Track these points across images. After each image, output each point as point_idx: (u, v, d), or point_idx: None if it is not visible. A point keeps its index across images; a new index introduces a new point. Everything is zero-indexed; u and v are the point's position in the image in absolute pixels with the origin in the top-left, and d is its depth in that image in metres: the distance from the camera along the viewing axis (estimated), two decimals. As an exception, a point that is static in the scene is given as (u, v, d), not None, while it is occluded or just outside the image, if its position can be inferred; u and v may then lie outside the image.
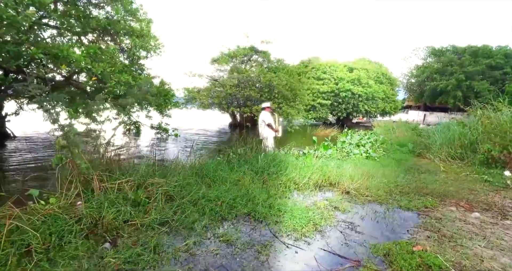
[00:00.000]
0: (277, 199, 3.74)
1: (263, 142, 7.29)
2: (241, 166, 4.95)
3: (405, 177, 5.63)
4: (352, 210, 3.66)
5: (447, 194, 4.51)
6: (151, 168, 4.08)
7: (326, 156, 6.87)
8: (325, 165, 5.59)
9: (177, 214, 3.13)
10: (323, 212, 3.45)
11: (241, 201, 3.52)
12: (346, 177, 4.85)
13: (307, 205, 3.66)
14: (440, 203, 4.08)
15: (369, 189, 4.46)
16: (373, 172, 5.45)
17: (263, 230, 2.95)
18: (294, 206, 3.52)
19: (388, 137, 10.94)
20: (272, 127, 7.25)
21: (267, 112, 7.35)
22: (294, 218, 3.14)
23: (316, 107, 24.65)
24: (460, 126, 8.45)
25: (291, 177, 4.64)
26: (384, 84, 26.60)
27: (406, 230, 3.15)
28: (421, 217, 3.54)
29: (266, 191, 3.98)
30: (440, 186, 4.98)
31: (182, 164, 4.84)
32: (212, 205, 3.34)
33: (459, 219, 3.49)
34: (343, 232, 3.01)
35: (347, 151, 7.57)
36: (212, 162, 5.11)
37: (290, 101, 17.43)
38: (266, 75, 16.24)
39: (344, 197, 4.23)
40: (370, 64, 27.58)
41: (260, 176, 4.64)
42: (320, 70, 26.24)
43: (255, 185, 4.20)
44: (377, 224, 3.29)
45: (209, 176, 4.39)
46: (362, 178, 4.85)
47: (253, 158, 5.26)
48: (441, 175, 5.98)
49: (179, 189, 3.59)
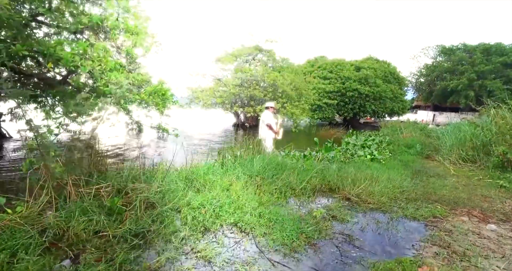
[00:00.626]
0: (269, 207, 3.42)
1: (262, 142, 6.98)
2: (235, 169, 4.64)
3: (412, 182, 5.24)
4: (351, 220, 3.31)
5: (458, 201, 4.12)
6: (137, 171, 3.80)
7: (328, 158, 6.51)
8: (326, 168, 5.25)
9: (155, 224, 2.84)
10: (318, 222, 3.11)
11: (229, 209, 3.21)
12: (347, 181, 4.49)
13: (302, 214, 3.33)
14: (450, 212, 3.70)
15: (372, 195, 4.10)
16: (377, 175, 5.07)
17: (249, 243, 2.63)
18: (287, 215, 3.20)
19: (395, 138, 10.50)
20: (272, 129, 6.93)
21: (270, 112, 7.03)
22: (285, 229, 2.81)
23: (322, 107, 24.19)
24: (472, 127, 7.98)
25: (288, 182, 4.31)
26: (392, 84, 25.97)
27: (412, 244, 2.80)
28: (429, 229, 3.18)
29: (258, 198, 3.66)
30: (450, 192, 4.58)
31: (173, 166, 4.56)
32: (195, 214, 3.04)
33: (472, 231, 3.11)
34: (339, 247, 2.67)
35: (351, 152, 7.19)
36: (205, 164, 4.82)
37: (294, 101, 17.06)
38: (270, 75, 15.92)
39: (344, 204, 3.88)
40: (377, 63, 26.96)
41: (255, 180, 4.32)
42: (326, 69, 25.77)
43: (248, 190, 3.89)
44: (378, 236, 2.94)
45: (199, 181, 4.10)
46: (365, 182, 4.48)
47: (249, 160, 4.94)
48: (451, 179, 5.57)
49: (161, 195, 3.30)
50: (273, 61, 19.28)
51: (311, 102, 20.20)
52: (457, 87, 33.07)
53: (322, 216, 3.32)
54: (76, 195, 3.18)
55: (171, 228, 2.77)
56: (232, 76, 17.44)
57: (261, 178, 4.37)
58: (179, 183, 3.86)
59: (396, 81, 26.86)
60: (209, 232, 2.83)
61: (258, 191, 3.95)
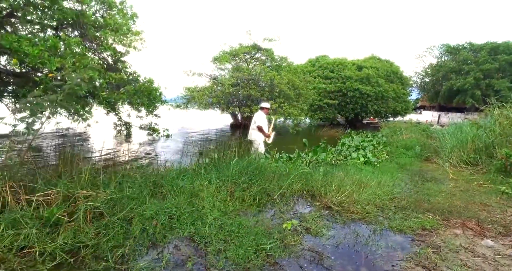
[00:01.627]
0: (236, 217, 3.03)
1: (253, 144, 6.61)
2: (209, 173, 4.26)
3: (405, 187, 4.81)
4: (327, 233, 2.91)
5: (452, 210, 3.69)
6: (93, 176, 3.45)
7: (318, 161, 6.10)
8: (312, 172, 4.85)
9: (98, 237, 2.47)
10: (286, 236, 2.72)
11: (187, 220, 2.83)
12: (331, 187, 4.09)
13: (271, 226, 2.94)
14: (443, 223, 3.27)
15: (357, 203, 3.69)
16: (367, 180, 4.66)
17: (197, 264, 2.25)
18: (252, 227, 2.81)
19: (394, 139, 10.03)
20: (263, 131, 6.52)
21: (263, 113, 6.64)
22: (243, 245, 2.42)
23: (323, 108, 23.71)
24: (474, 128, 7.50)
25: (265, 188, 3.92)
26: (395, 83, 25.37)
27: (392, 265, 2.39)
28: (415, 244, 2.76)
29: (226, 206, 3.29)
30: (446, 199, 4.15)
31: (139, 170, 4.21)
32: (145, 225, 2.67)
33: (465, 248, 2.69)
34: (304, 268, 2.27)
35: (345, 154, 6.77)
36: (177, 168, 4.46)
37: (293, 101, 16.64)
38: (267, 74, 15.52)
39: (324, 213, 3.48)
40: (380, 62, 26.38)
41: (229, 186, 3.94)
42: (327, 69, 25.28)
43: (218, 197, 3.51)
44: (354, 254, 2.54)
45: (166, 186, 3.73)
46: (351, 188, 4.07)
47: (225, 163, 4.56)
48: (448, 184, 5.13)
49: (112, 203, 2.94)
50: (271, 61, 18.88)
51: (311, 102, 19.74)
52: (463, 87, 32.33)
53: (294, 228, 2.93)
54: (16, 203, 2.84)
55: (112, 242, 2.40)
56: (229, 75, 17.09)
57: (235, 183, 3.98)
58: (144, 188, 3.51)
59: (399, 81, 26.25)
60: (157, 247, 2.46)
61: (229, 198, 3.57)
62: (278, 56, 19.00)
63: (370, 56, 28.72)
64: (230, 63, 18.49)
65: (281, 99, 15.62)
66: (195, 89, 17.87)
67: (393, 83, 25.16)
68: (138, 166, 4.61)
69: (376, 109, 23.58)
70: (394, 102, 24.51)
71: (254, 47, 18.65)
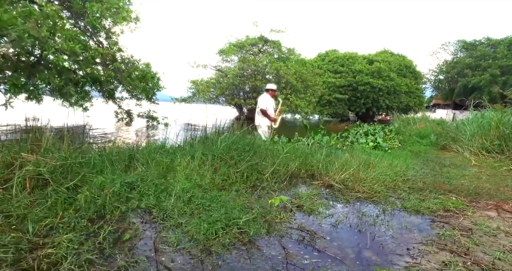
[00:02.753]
0: (211, 191, 2.47)
1: (258, 130, 6.02)
2: (194, 149, 3.72)
3: (421, 171, 4.16)
4: (324, 212, 2.33)
5: (480, 192, 3.04)
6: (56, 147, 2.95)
7: (321, 145, 5.48)
8: (313, 152, 4.25)
9: (32, 207, 1.96)
10: (271, 212, 2.14)
11: (149, 191, 2.29)
12: (334, 166, 3.49)
13: (253, 201, 2.37)
14: (470, 205, 2.64)
15: (363, 182, 3.08)
16: (377, 162, 4.03)
17: (146, 239, 1.70)
18: (228, 202, 2.25)
19: (407, 129, 9.28)
20: (267, 115, 5.85)
21: (269, 96, 5.87)
22: (209, 220, 1.85)
23: (332, 102, 22.95)
24: (499, 113, 6.74)
25: (254, 163, 3.35)
26: (408, 78, 24.37)
27: (407, 248, 1.79)
28: (437, 226, 2.15)
29: (201, 179, 2.73)
30: (471, 182, 3.49)
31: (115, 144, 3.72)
32: (95, 195, 2.14)
33: (506, 232, 2.06)
34: (288, 248, 1.70)
35: (351, 140, 6.13)
36: (159, 144, 3.96)
37: (300, 93, 16.00)
38: (273, 64, 14.94)
39: (323, 192, 2.89)
40: (392, 56, 25.38)
41: (215, 162, 3.39)
42: (337, 63, 24.49)
43: (199, 172, 2.96)
44: (356, 235, 1.95)
45: (140, 161, 3.21)
46: (357, 167, 3.46)
47: (213, 140, 4.00)
48: (471, 170, 4.45)
49: (63, 171, 2.42)
50: (279, 52, 18.27)
51: (319, 95, 19.03)
52: (479, 84, 30.91)
53: (283, 205, 2.35)
54: None
55: (44, 212, 1.88)
56: (234, 66, 16.58)
57: (222, 159, 3.42)
58: (116, 162, 3.00)
59: (412, 75, 25.23)
60: (103, 220, 1.93)
61: (212, 175, 3.02)
62: (286, 48, 18.38)
63: (382, 51, 27.72)
64: (236, 56, 17.96)
65: (287, 90, 15.01)
66: (201, 82, 17.42)
67: (406, 77, 24.18)
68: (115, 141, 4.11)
69: (388, 104, 22.65)
70: (406, 97, 23.52)
71: (261, 39, 18.08)
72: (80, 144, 3.22)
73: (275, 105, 6.23)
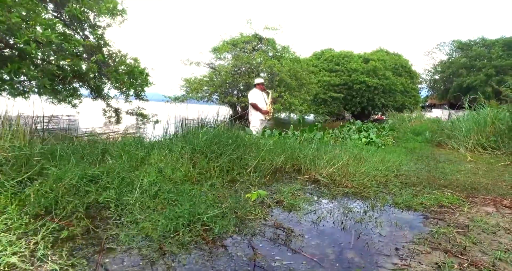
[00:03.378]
0: (184, 185, 2.24)
1: (250, 125, 5.85)
2: (173, 143, 3.48)
3: (415, 166, 3.96)
4: (306, 208, 2.10)
5: (477, 187, 2.84)
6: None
7: (313, 140, 5.26)
8: (302, 147, 4.03)
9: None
10: (245, 207, 1.91)
11: (110, 184, 2.05)
12: (322, 160, 3.27)
13: (225, 195, 2.14)
14: (467, 200, 2.43)
15: (352, 176, 2.86)
16: (368, 157, 3.83)
17: (91, 238, 1.47)
18: (199, 196, 2.01)
19: (401, 126, 9.11)
20: (258, 108, 5.67)
21: (258, 90, 5.80)
22: (171, 214, 1.62)
23: (327, 101, 22.79)
24: (494, 109, 6.58)
25: (236, 157, 3.12)
26: (404, 77, 24.29)
27: (396, 247, 1.57)
28: (430, 223, 1.93)
29: (173, 173, 2.50)
30: (466, 177, 3.30)
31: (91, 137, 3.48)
32: (47, 188, 1.89)
33: (505, 228, 1.85)
34: (257, 248, 1.47)
35: (343, 135, 5.93)
36: (136, 138, 3.72)
37: (294, 91, 15.79)
38: (267, 61, 14.72)
39: (308, 187, 2.67)
40: (388, 55, 25.29)
41: (195, 156, 3.15)
42: (333, 62, 24.34)
43: (173, 165, 2.73)
44: (340, 233, 1.73)
45: (112, 154, 2.97)
46: (346, 162, 3.24)
47: (195, 133, 3.77)
48: (467, 165, 4.26)
49: (16, 162, 2.17)
50: (273, 50, 18.07)
51: (314, 93, 18.84)
52: (473, 84, 30.95)
53: (260, 200, 2.12)
54: None
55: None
56: (228, 64, 16.33)
57: (202, 153, 3.19)
58: (86, 155, 2.76)
59: (408, 74, 25.17)
60: (49, 216, 1.68)
61: (191, 169, 2.78)
62: (280, 46, 18.17)
63: (377, 50, 27.62)
64: (230, 53, 17.72)
65: (281, 88, 14.80)
66: (194, 80, 17.15)
67: (402, 76, 24.10)
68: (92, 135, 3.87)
69: (383, 103, 22.52)
70: (402, 96, 23.43)
71: (255, 37, 17.86)
72: (44, 133, 2.96)
73: (266, 99, 6.07)
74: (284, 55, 17.94)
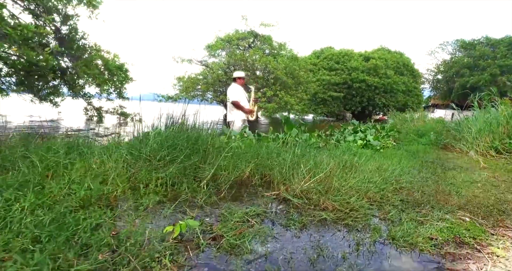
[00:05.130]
0: (83, 210, 1.53)
1: (230, 126, 5.14)
2: (117, 150, 2.77)
3: (419, 175, 3.23)
4: (255, 249, 1.38)
5: (506, 208, 2.11)
6: None
7: (298, 142, 4.54)
8: (281, 151, 3.31)
9: None
10: (151, 252, 1.20)
11: None
12: (300, 170, 2.54)
13: (130, 229, 1.42)
14: (496, 232, 1.70)
15: (336, 193, 2.14)
16: (360, 164, 3.11)
17: None
18: (95, 229, 1.30)
19: (403, 127, 8.37)
20: (241, 107, 4.98)
21: (238, 85, 5.14)
22: None
23: (327, 101, 22.04)
24: (508, 107, 5.84)
25: (189, 165, 2.41)
26: (406, 76, 23.50)
27: None
28: (447, 281, 1.21)
29: (78, 192, 1.79)
30: (486, 192, 2.56)
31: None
32: None
33: None
34: None
35: (337, 138, 5.21)
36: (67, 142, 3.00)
37: (291, 90, 15.07)
38: (262, 58, 14.02)
39: (273, 209, 1.95)
40: (389, 54, 24.52)
41: (139, 163, 2.44)
42: (332, 60, 23.59)
43: (100, 177, 2.02)
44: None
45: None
46: (330, 172, 2.52)
47: (147, 136, 3.05)
48: (482, 173, 3.52)
49: None
50: (269, 47, 17.36)
51: (312, 92, 18.11)
52: (477, 84, 30.13)
53: (188, 235, 1.41)
54: None
55: None
56: (220, 61, 15.65)
57: (147, 160, 2.48)
58: None
59: (410, 73, 24.38)
60: None
61: (125, 181, 2.08)
62: (277, 43, 17.47)
63: (378, 48, 26.83)
64: (224, 50, 17.03)
65: (277, 86, 14.08)
66: (188, 79, 16.48)
67: (404, 76, 23.31)
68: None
69: (384, 102, 21.73)
70: (404, 96, 22.64)
71: (251, 33, 17.17)
72: None
73: (248, 96, 5.38)
74: (281, 53, 17.25)
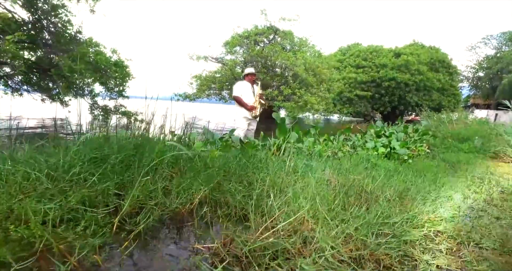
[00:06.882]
0: None
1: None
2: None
3: (469, 211, 2.16)
4: None
5: None
6: None
7: (300, 150, 3.58)
8: (263, 165, 2.40)
9: None
10: None
11: None
12: (277, 198, 1.62)
13: None
14: None
15: (318, 253, 1.20)
16: (375, 185, 2.12)
17: None
18: None
19: (439, 129, 7.05)
20: (242, 103, 4.53)
21: (246, 82, 4.77)
22: None
23: (353, 100, 20.59)
24: None
25: (102, 190, 1.57)
26: (441, 73, 21.38)
27: None
28: None
29: None
30: None
31: None
32: None
33: None
34: None
35: (353, 144, 4.18)
36: None
37: (312, 88, 13.98)
38: (280, 55, 13.08)
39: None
40: (422, 49, 22.44)
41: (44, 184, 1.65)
42: (360, 57, 22.05)
43: None
44: None
45: None
46: (314, 212, 1.56)
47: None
48: None
49: None
50: (290, 43, 16.36)
51: (335, 90, 16.84)
52: (528, 80, 26.99)
53: None
54: None
55: None
56: (236, 58, 14.92)
57: (55, 180, 1.68)
58: None
59: (446, 70, 22.17)
60: None
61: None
62: (298, 39, 16.42)
63: (411, 43, 24.75)
64: (242, 47, 16.27)
65: (295, 84, 13.06)
66: (205, 77, 15.93)
67: (439, 72, 21.21)
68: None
69: (417, 101, 19.83)
70: (439, 94, 20.57)
71: (270, 29, 16.26)
72: None
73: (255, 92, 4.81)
74: (303, 49, 16.19)
